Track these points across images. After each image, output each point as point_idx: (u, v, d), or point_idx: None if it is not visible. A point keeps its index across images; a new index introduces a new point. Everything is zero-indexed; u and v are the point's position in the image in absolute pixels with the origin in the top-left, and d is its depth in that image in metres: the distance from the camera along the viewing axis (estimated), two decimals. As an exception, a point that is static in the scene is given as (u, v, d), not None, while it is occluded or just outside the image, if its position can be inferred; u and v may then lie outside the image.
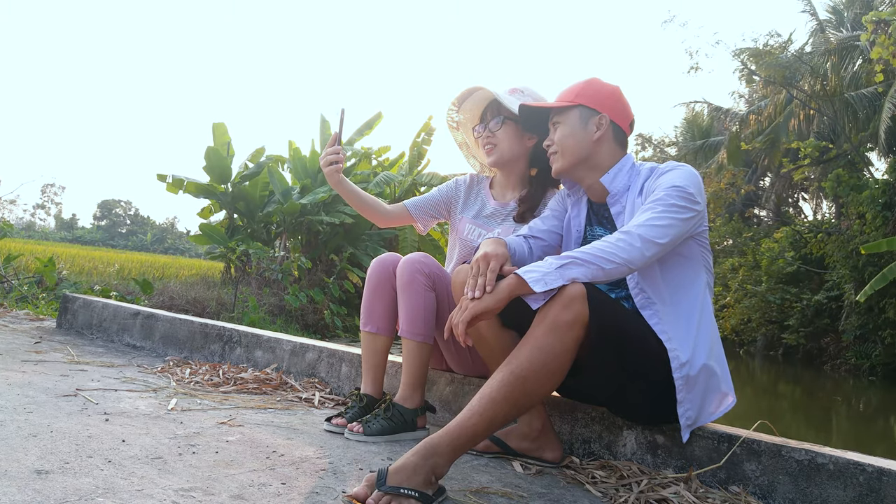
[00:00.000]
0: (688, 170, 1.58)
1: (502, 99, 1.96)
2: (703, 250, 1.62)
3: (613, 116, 1.69)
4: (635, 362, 1.52)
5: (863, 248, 11.89)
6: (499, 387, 1.33)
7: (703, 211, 1.56)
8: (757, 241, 19.30)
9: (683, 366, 1.52)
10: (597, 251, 1.41)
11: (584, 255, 1.40)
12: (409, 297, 1.85)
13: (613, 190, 1.67)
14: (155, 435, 1.57)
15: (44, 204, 75.99)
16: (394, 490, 1.21)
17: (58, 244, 33.59)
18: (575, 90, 1.72)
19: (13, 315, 3.79)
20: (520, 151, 2.04)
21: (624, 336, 1.49)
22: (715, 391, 1.57)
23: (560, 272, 1.37)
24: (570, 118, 1.70)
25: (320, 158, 2.01)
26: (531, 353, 1.34)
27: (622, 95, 1.74)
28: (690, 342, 1.53)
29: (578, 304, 1.35)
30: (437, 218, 2.23)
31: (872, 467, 1.36)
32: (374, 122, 14.13)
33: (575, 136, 1.68)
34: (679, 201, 1.50)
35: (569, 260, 1.39)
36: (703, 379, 1.54)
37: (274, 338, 2.63)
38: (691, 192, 1.51)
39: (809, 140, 15.38)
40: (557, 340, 1.34)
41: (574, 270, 1.38)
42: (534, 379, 1.34)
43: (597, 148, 1.68)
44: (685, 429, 1.55)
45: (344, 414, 1.86)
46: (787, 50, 15.89)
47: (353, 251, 12.78)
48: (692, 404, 1.53)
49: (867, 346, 14.43)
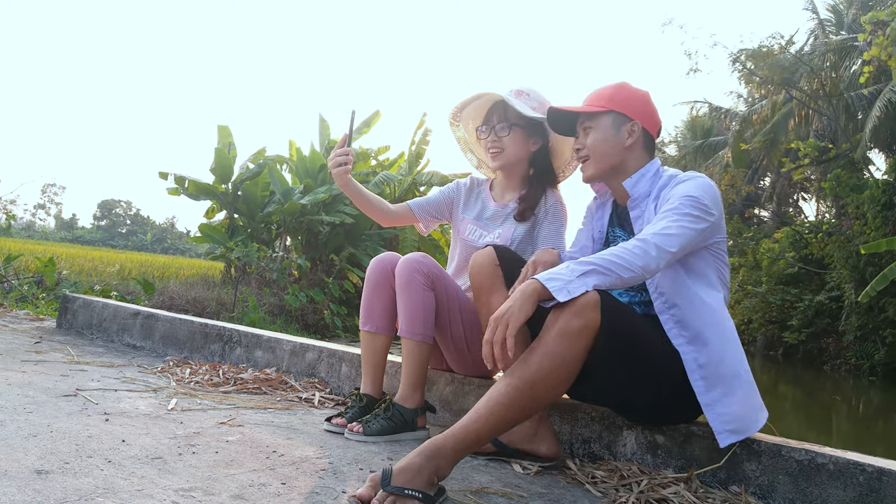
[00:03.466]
0: (704, 180, 1.58)
1: (514, 104, 1.96)
2: (717, 261, 1.61)
3: (645, 123, 1.70)
4: (644, 368, 1.52)
5: (863, 247, 11.89)
6: (506, 391, 1.33)
7: (718, 221, 1.56)
8: (757, 242, 19.30)
9: (703, 367, 1.51)
10: (616, 258, 1.41)
11: (604, 262, 1.40)
12: (408, 297, 1.85)
13: (635, 194, 1.67)
14: (155, 435, 1.57)
15: (44, 204, 75.95)
16: (398, 490, 1.21)
17: (58, 244, 33.60)
18: (606, 95, 1.71)
19: (13, 315, 3.79)
20: (523, 155, 2.04)
21: (635, 343, 1.49)
22: (752, 398, 1.53)
23: (582, 280, 1.37)
24: (603, 123, 1.69)
25: (329, 159, 2.01)
26: (541, 360, 1.34)
27: (651, 101, 1.74)
28: (713, 346, 1.52)
29: (590, 311, 1.35)
30: (440, 219, 2.24)
31: (872, 467, 1.36)
32: (373, 120, 14.12)
33: (608, 142, 1.68)
34: (693, 210, 1.50)
35: (590, 268, 1.38)
36: (737, 385, 1.51)
37: (274, 338, 2.63)
38: (706, 202, 1.52)
39: (809, 140, 15.39)
40: (567, 347, 1.34)
41: (594, 278, 1.38)
42: (542, 385, 1.34)
43: (627, 154, 1.69)
44: (724, 434, 1.49)
45: (344, 414, 1.86)
46: (787, 50, 15.89)
47: (352, 251, 12.78)
48: (728, 408, 1.49)
49: (867, 345, 14.43)
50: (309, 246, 13.49)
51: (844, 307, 15.36)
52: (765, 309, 18.30)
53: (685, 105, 23.30)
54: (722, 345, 1.53)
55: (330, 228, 13.20)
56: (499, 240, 2.01)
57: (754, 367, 10.39)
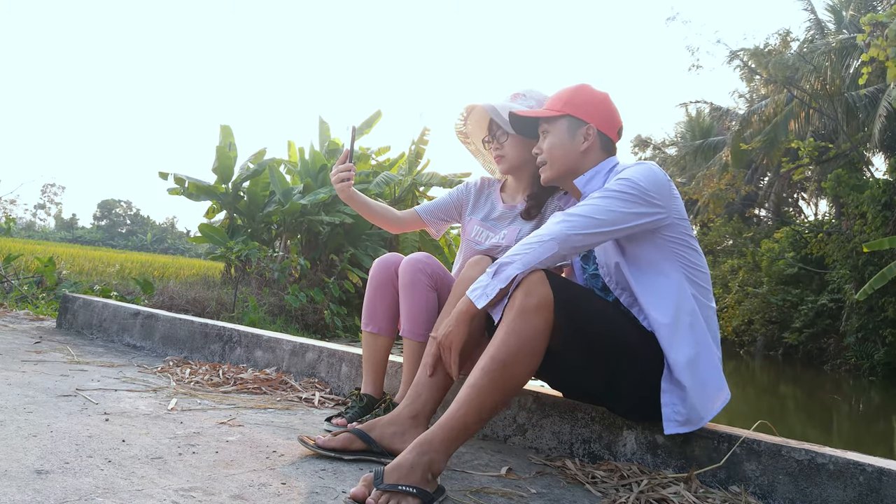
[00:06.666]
0: (645, 166, 1.56)
1: (497, 117, 1.98)
2: (673, 246, 1.58)
3: (601, 126, 1.70)
4: (627, 360, 1.52)
5: (865, 245, 11.91)
6: (481, 374, 1.37)
7: (665, 206, 1.53)
8: (757, 242, 19.31)
9: (665, 359, 1.52)
10: (522, 242, 1.49)
11: (511, 251, 1.48)
12: (410, 297, 1.85)
13: (587, 192, 1.67)
14: (155, 435, 1.57)
15: (44, 204, 76.04)
16: (392, 488, 1.21)
17: (58, 244, 33.59)
18: (563, 98, 1.73)
19: (13, 315, 3.79)
20: (528, 157, 2.04)
21: (598, 319, 1.50)
22: (705, 387, 1.54)
23: (496, 279, 1.45)
24: (558, 128, 1.71)
25: (331, 175, 2.03)
26: (506, 338, 1.38)
27: (611, 103, 1.74)
28: (672, 336, 1.52)
29: (540, 286, 1.40)
30: (449, 222, 2.24)
31: (872, 467, 1.36)
32: (374, 120, 14.14)
33: (563, 147, 1.71)
34: (625, 189, 1.50)
35: (498, 265, 1.47)
36: (688, 375, 1.51)
37: (274, 338, 2.63)
38: (640, 184, 1.50)
39: (809, 140, 15.40)
40: (527, 323, 1.39)
41: (508, 269, 1.44)
42: (512, 361, 1.37)
43: (583, 158, 1.70)
44: (673, 423, 1.52)
45: (344, 414, 1.86)
46: (789, 46, 15.90)
47: (353, 251, 12.79)
48: (678, 398, 1.51)
49: (867, 345, 14.44)
50: (309, 246, 13.49)
51: (845, 307, 15.37)
52: (765, 309, 18.30)
53: (685, 105, 23.32)
54: (673, 336, 1.52)
55: (330, 228, 13.21)
56: (504, 241, 2.00)
57: (754, 368, 10.37)
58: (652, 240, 1.57)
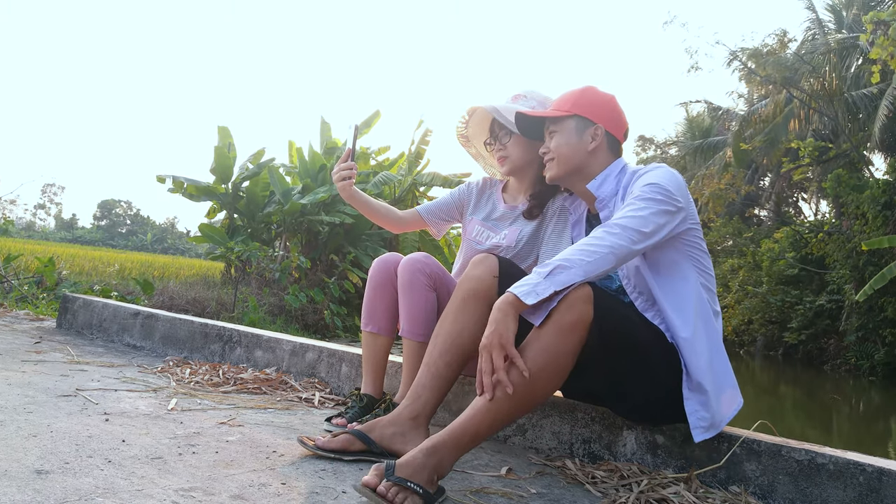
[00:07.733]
0: (665, 170, 1.58)
1: (500, 118, 1.97)
2: (690, 250, 1.60)
3: (608, 127, 1.71)
4: (641, 364, 1.52)
5: (864, 244, 11.91)
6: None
7: (686, 209, 1.55)
8: (757, 242, 19.30)
9: (685, 364, 1.52)
10: (579, 248, 1.42)
11: (569, 255, 1.40)
12: (410, 297, 1.85)
13: (601, 195, 1.68)
14: (155, 435, 1.57)
15: (44, 204, 76.01)
16: (401, 482, 1.22)
17: (58, 244, 33.59)
18: (571, 99, 1.74)
19: (13, 315, 3.79)
20: (531, 157, 2.03)
21: (629, 338, 1.49)
22: (722, 392, 1.55)
23: (550, 280, 1.36)
24: (566, 127, 1.72)
25: (332, 173, 2.03)
26: (536, 355, 1.35)
27: (617, 105, 1.76)
28: (693, 342, 1.53)
29: (583, 305, 1.36)
30: (451, 222, 2.23)
31: (872, 467, 1.36)
32: (373, 120, 14.13)
33: (570, 146, 1.71)
34: (656, 195, 1.50)
35: (554, 266, 1.38)
36: (710, 379, 1.52)
37: (274, 338, 2.63)
38: (669, 189, 1.51)
39: (808, 140, 15.39)
40: (561, 341, 1.35)
41: (565, 275, 1.37)
42: (538, 379, 1.34)
43: (591, 158, 1.71)
44: (699, 430, 1.50)
45: (344, 414, 1.86)
46: (788, 47, 15.90)
47: (353, 251, 12.78)
48: (699, 403, 1.51)
49: (867, 345, 14.44)
50: (309, 246, 13.49)
51: (845, 307, 15.36)
52: (765, 309, 18.30)
53: (685, 105, 23.32)
54: (694, 341, 1.52)
55: (330, 228, 13.21)
56: (504, 241, 2.00)
57: (754, 368, 10.37)
58: (673, 244, 1.58)
